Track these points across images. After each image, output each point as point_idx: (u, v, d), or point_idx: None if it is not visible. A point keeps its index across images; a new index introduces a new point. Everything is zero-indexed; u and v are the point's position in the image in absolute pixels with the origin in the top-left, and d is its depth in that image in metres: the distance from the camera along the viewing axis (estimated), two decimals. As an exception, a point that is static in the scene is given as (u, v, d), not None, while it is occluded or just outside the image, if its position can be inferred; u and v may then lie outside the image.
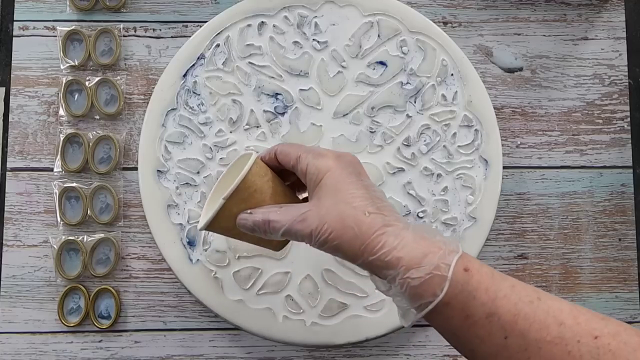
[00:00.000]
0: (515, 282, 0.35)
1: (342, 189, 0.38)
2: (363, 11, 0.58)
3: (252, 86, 0.57)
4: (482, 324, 0.35)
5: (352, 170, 0.40)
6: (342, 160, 0.40)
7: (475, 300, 0.35)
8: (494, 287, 0.35)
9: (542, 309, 0.34)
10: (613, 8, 0.65)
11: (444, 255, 0.35)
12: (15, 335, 0.59)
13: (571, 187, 0.63)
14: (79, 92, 0.61)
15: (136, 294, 0.60)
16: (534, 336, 0.33)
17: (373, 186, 0.40)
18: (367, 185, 0.39)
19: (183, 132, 0.56)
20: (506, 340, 0.34)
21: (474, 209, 0.56)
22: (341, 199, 0.38)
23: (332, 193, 0.39)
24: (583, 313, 0.34)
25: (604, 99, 0.64)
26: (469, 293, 0.35)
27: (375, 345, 0.60)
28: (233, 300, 0.54)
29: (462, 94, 0.57)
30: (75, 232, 0.60)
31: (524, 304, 0.34)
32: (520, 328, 0.34)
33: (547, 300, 0.35)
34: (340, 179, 0.39)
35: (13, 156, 0.61)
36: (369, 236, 0.37)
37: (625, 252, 0.62)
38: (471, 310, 0.35)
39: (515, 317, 0.34)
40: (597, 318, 0.34)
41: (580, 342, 0.33)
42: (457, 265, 0.35)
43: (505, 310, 0.34)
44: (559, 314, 0.34)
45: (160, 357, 0.59)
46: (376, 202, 0.38)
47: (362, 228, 0.37)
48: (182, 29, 0.63)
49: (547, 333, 0.33)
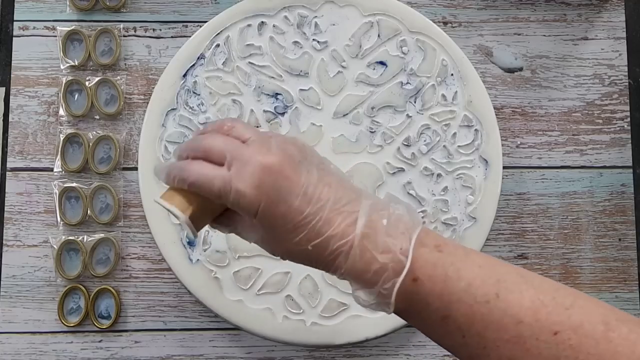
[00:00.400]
0: (472, 279, 0.34)
1: (276, 226, 0.36)
2: (363, 11, 0.58)
3: (252, 86, 0.57)
4: (439, 325, 0.35)
5: (279, 195, 0.35)
6: (265, 184, 0.35)
7: (429, 306, 0.34)
8: (447, 292, 0.34)
9: (500, 307, 0.33)
10: (613, 8, 0.65)
11: (388, 278, 0.35)
12: (15, 335, 0.59)
13: (571, 187, 0.63)
14: (79, 92, 0.61)
15: (136, 294, 0.60)
16: (492, 336, 0.33)
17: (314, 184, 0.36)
18: (300, 202, 0.35)
19: (183, 132, 0.56)
20: (465, 339, 0.34)
21: (474, 209, 0.56)
22: (281, 238, 0.36)
23: (271, 233, 0.37)
24: (545, 304, 0.33)
25: (604, 99, 0.64)
26: (421, 301, 0.35)
27: (375, 345, 0.60)
28: (233, 300, 0.54)
29: (462, 94, 0.57)
30: (75, 232, 0.60)
31: (480, 305, 0.33)
32: (477, 329, 0.33)
33: (506, 295, 0.33)
34: (270, 221, 0.36)
35: (13, 156, 0.61)
36: (321, 264, 0.36)
37: (625, 252, 0.62)
38: (426, 314, 0.35)
39: (471, 319, 0.33)
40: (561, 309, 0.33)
41: (538, 339, 0.32)
42: (403, 281, 0.34)
43: (460, 313, 0.34)
44: (517, 312, 0.33)
45: (160, 357, 0.59)
46: (318, 215, 0.35)
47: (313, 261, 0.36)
48: (182, 29, 0.63)
49: (505, 332, 0.33)
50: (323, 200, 0.35)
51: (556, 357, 0.31)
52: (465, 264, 0.35)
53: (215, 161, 0.36)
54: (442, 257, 0.35)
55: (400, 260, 0.34)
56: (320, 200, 0.35)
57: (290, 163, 0.36)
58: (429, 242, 0.36)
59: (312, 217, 0.35)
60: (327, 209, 0.35)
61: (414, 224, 0.36)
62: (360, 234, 0.35)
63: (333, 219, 0.35)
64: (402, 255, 0.34)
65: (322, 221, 0.35)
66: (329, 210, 0.35)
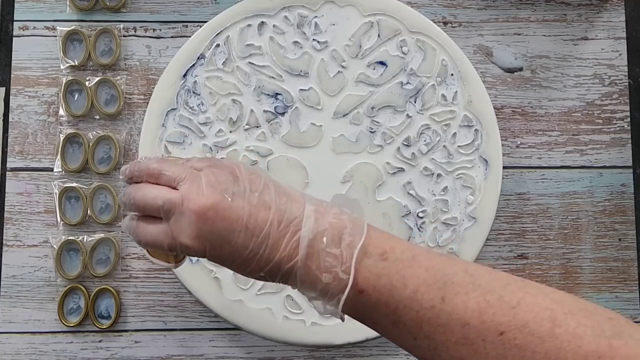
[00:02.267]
0: (418, 285, 0.35)
1: (227, 263, 0.38)
2: (363, 11, 0.58)
3: (252, 86, 0.57)
4: (390, 329, 0.36)
5: (221, 238, 0.36)
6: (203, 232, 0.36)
7: (378, 312, 0.35)
8: (394, 300, 0.35)
9: (445, 311, 0.34)
10: (613, 8, 0.65)
11: (333, 295, 0.36)
12: (15, 335, 0.59)
13: (571, 187, 0.63)
14: (79, 92, 0.61)
15: (136, 294, 0.60)
16: (440, 338, 0.34)
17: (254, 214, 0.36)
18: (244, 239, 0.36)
19: (183, 132, 0.56)
20: (416, 341, 0.35)
21: (474, 209, 0.56)
22: (236, 270, 0.38)
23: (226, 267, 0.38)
24: (491, 305, 0.33)
25: (604, 99, 0.64)
26: (371, 308, 0.36)
27: (375, 345, 0.60)
28: (233, 300, 0.54)
29: (462, 94, 0.57)
30: (75, 232, 0.60)
31: (426, 310, 0.34)
32: (425, 332, 0.34)
33: (452, 298, 0.34)
34: (220, 261, 0.38)
35: (13, 156, 0.61)
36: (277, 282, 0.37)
37: (625, 252, 0.62)
38: (377, 319, 0.36)
39: (419, 324, 0.34)
40: (507, 308, 0.33)
41: (485, 340, 0.32)
42: (349, 294, 0.35)
43: (408, 318, 0.34)
44: (462, 315, 0.33)
45: (160, 357, 0.59)
46: (264, 244, 0.36)
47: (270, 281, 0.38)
48: (182, 29, 0.63)
49: (452, 335, 0.33)
50: (265, 227, 0.36)
51: (503, 357, 0.32)
52: (412, 270, 0.35)
53: (155, 215, 0.38)
54: (387, 266, 0.36)
55: (342, 279, 0.35)
56: (263, 229, 0.36)
57: (224, 201, 0.36)
58: (374, 250, 0.36)
59: (257, 248, 0.36)
60: (271, 236, 0.36)
61: (357, 232, 0.36)
62: (304, 254, 0.36)
63: (278, 244, 0.36)
64: (344, 274, 0.35)
65: (269, 248, 0.36)
66: (272, 237, 0.36)
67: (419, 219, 0.56)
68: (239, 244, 0.36)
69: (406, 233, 0.56)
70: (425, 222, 0.56)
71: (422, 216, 0.56)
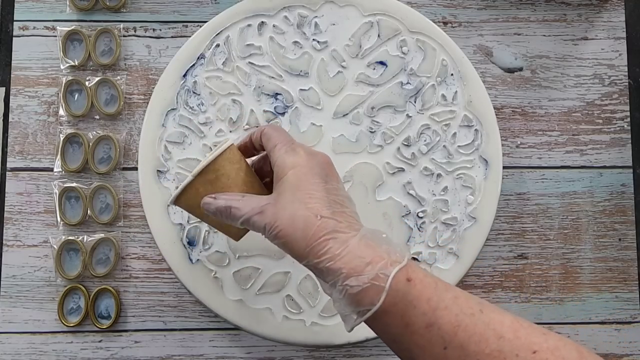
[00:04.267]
0: (459, 294, 0.36)
1: (302, 187, 0.39)
2: (363, 11, 0.58)
3: (252, 86, 0.57)
4: (422, 333, 0.35)
5: (319, 171, 0.40)
6: (312, 159, 0.40)
7: (415, 309, 0.35)
8: (436, 298, 0.35)
9: (483, 321, 0.34)
10: (613, 8, 0.65)
11: (385, 266, 0.36)
12: (15, 335, 0.59)
13: (571, 187, 0.63)
14: (79, 92, 0.61)
15: (136, 294, 0.60)
16: (473, 348, 0.34)
17: (338, 190, 0.40)
18: (330, 188, 0.39)
19: (183, 132, 0.56)
20: (445, 351, 0.34)
21: (474, 209, 0.56)
22: (298, 197, 0.38)
23: (291, 190, 0.39)
24: (524, 327, 0.34)
25: (604, 99, 0.64)
26: (410, 302, 0.35)
27: (375, 345, 0.60)
28: (233, 300, 0.54)
29: (462, 94, 0.57)
30: (75, 232, 0.60)
31: (465, 316, 0.34)
32: (459, 339, 0.34)
33: (489, 312, 0.35)
34: (303, 178, 0.39)
35: (13, 156, 0.61)
36: (315, 240, 0.37)
37: (625, 252, 0.62)
38: (411, 319, 0.35)
39: (455, 329, 0.34)
40: (538, 332, 0.34)
41: (518, 355, 0.33)
42: (398, 275, 0.35)
43: (445, 321, 0.34)
44: (499, 327, 0.34)
45: (160, 357, 0.59)
46: (333, 207, 0.38)
47: (309, 231, 0.37)
48: (182, 29, 0.63)
49: (487, 346, 0.33)
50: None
51: None
52: (451, 287, 0.37)
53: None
54: (428, 277, 0.37)
55: (397, 258, 0.36)
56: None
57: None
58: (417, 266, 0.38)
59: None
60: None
61: (400, 250, 0.38)
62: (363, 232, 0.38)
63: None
64: (398, 253, 0.37)
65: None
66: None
67: (419, 219, 0.56)
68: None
69: (406, 233, 0.56)
70: (425, 222, 0.56)
71: (422, 216, 0.56)
